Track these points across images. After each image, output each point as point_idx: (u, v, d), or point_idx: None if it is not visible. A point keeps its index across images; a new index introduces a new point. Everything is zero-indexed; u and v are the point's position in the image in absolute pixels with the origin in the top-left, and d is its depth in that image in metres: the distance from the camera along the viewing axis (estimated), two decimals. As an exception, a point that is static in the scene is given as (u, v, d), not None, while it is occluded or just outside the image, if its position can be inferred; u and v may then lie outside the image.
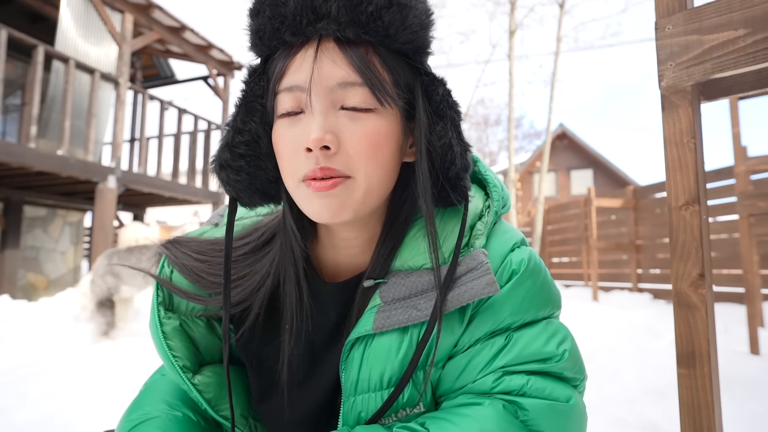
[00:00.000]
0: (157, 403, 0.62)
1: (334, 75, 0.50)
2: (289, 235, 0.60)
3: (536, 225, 8.24)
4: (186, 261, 0.63)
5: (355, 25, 0.49)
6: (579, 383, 0.55)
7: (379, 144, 0.52)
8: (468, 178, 0.56)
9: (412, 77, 0.55)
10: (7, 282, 5.78)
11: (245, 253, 0.64)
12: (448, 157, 0.54)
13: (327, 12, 0.49)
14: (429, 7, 0.55)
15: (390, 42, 0.52)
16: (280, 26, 0.51)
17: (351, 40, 0.50)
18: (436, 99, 0.55)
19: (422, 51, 0.55)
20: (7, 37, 4.55)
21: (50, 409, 2.07)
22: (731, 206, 4.91)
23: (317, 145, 0.49)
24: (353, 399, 0.54)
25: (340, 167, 0.51)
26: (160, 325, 0.60)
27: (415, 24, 0.52)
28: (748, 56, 0.63)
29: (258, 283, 0.62)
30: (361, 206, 0.53)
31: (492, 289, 0.51)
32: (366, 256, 0.61)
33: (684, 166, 0.68)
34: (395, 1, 0.50)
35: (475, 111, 20.38)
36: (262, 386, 0.62)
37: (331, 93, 0.51)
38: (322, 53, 0.50)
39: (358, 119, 0.51)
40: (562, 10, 8.56)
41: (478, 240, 0.57)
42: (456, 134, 0.55)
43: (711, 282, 0.67)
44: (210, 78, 7.69)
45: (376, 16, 0.49)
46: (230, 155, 0.57)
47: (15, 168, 4.84)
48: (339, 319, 0.60)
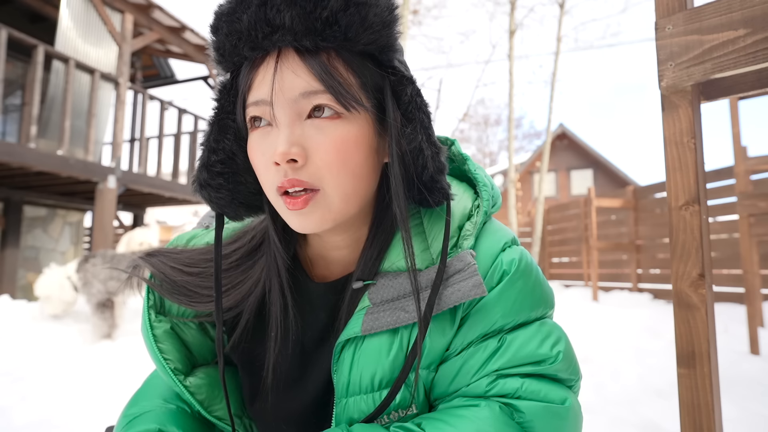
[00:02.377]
0: (153, 399, 0.63)
1: (296, 86, 0.49)
2: (273, 245, 0.60)
3: (536, 225, 8.24)
4: (177, 277, 0.61)
5: (312, 34, 0.48)
6: (574, 384, 0.55)
7: (348, 152, 0.51)
8: (444, 180, 0.55)
9: (380, 77, 0.54)
10: (7, 282, 5.78)
11: (238, 259, 0.64)
12: (420, 161, 0.53)
13: (281, 23, 0.48)
14: (392, 2, 0.52)
15: (351, 45, 0.50)
16: (237, 42, 0.50)
17: (310, 49, 0.49)
18: (405, 100, 0.53)
19: (388, 49, 0.53)
20: (7, 37, 4.55)
21: (50, 409, 2.07)
22: (731, 206, 4.91)
23: (283, 159, 0.49)
24: (345, 401, 0.54)
25: (308, 179, 0.50)
26: (151, 328, 0.60)
27: (376, 23, 0.50)
28: (748, 56, 0.63)
29: (248, 289, 0.62)
30: (340, 215, 0.53)
31: (479, 290, 0.51)
32: (356, 255, 0.61)
33: (684, 166, 0.68)
34: (353, 2, 0.48)
35: (475, 111, 20.39)
36: (253, 387, 0.62)
37: (295, 104, 0.50)
38: (282, 65, 0.49)
39: (324, 128, 0.50)
40: (562, 10, 8.55)
41: (466, 241, 0.56)
42: (426, 137, 0.53)
43: (711, 282, 0.67)
44: (210, 78, 7.70)
45: (332, 21, 0.48)
46: (208, 174, 0.57)
47: (15, 168, 4.84)
48: (329, 319, 0.60)
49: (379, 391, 0.53)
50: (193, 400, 0.60)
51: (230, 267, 0.63)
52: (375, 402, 0.53)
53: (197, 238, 0.69)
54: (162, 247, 0.65)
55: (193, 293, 0.61)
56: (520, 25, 9.24)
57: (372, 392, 0.53)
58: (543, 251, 9.10)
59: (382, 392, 0.53)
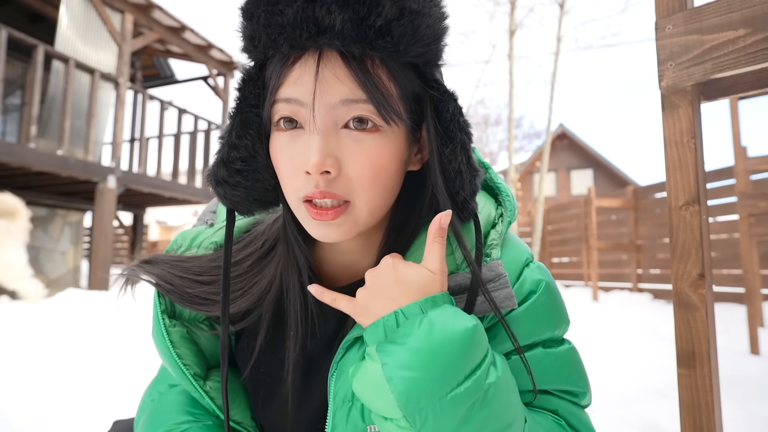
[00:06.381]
0: (178, 415, 0.60)
1: (337, 91, 0.46)
2: (292, 244, 0.58)
3: (536, 225, 8.23)
4: (188, 288, 0.59)
5: (362, 42, 0.45)
6: (588, 405, 0.59)
7: (382, 167, 0.49)
8: (475, 202, 0.54)
9: (421, 89, 0.51)
10: (7, 282, 5.78)
11: (251, 264, 0.62)
12: (457, 183, 0.52)
13: (330, 25, 0.44)
14: (444, 11, 0.50)
15: (399, 56, 0.47)
16: (277, 37, 0.46)
17: (356, 56, 0.46)
18: (446, 117, 0.51)
19: (434, 63, 0.51)
20: (7, 37, 4.55)
21: (50, 409, 2.07)
22: (731, 206, 4.91)
23: (317, 171, 0.46)
24: (350, 404, 0.52)
25: (340, 191, 0.48)
26: (168, 334, 0.58)
27: (427, 35, 0.47)
28: (748, 56, 0.63)
29: (264, 288, 0.60)
30: (365, 226, 0.52)
31: (510, 303, 0.51)
32: (366, 261, 0.59)
33: (684, 166, 0.68)
34: (407, 10, 0.45)
35: (475, 111, 20.36)
36: (259, 393, 0.61)
37: (333, 110, 0.47)
38: (324, 66, 0.46)
39: (361, 140, 0.48)
40: (562, 10, 8.55)
41: (494, 251, 0.55)
42: (465, 158, 0.52)
43: (711, 282, 0.67)
44: (210, 78, 7.69)
45: (385, 32, 0.45)
46: (227, 172, 0.54)
47: (15, 168, 4.83)
48: (338, 325, 0.59)
49: None
50: (213, 405, 0.59)
51: (245, 272, 0.61)
52: None
53: (201, 235, 0.66)
54: (162, 255, 0.63)
55: (208, 301, 0.59)
56: (520, 25, 9.24)
57: None
58: (543, 251, 9.09)
59: None
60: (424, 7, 0.47)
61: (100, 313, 4.00)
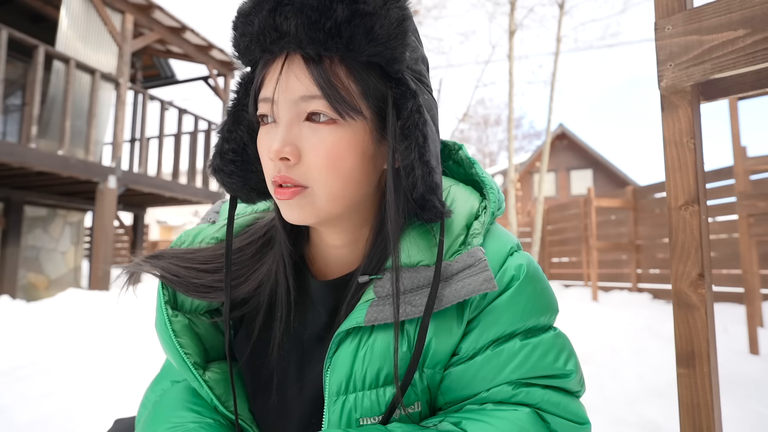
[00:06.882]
0: (179, 411, 0.61)
1: (296, 89, 0.52)
2: (279, 233, 0.63)
3: (536, 225, 8.22)
4: (194, 278, 0.62)
5: (315, 43, 0.49)
6: (581, 395, 0.59)
7: (338, 156, 0.52)
8: (437, 200, 0.54)
9: (385, 87, 0.54)
10: (8, 282, 5.78)
11: (254, 252, 0.65)
12: (410, 179, 0.54)
13: (287, 30, 0.49)
14: (405, 13, 0.51)
15: (355, 55, 0.51)
16: (249, 44, 0.53)
17: (313, 57, 0.51)
18: (404, 115, 0.53)
19: (395, 61, 0.52)
20: (7, 38, 4.55)
21: (50, 408, 2.07)
22: (731, 206, 4.91)
23: (276, 157, 0.52)
24: (344, 398, 0.54)
25: (297, 177, 0.53)
26: (170, 323, 0.61)
27: (382, 35, 0.50)
28: (747, 56, 0.63)
29: (261, 280, 0.63)
30: (325, 213, 0.55)
31: (490, 285, 0.52)
32: (353, 256, 0.62)
33: (684, 166, 0.68)
34: (359, 13, 0.49)
35: (475, 111, 20.40)
36: (254, 384, 0.63)
37: (295, 106, 0.52)
38: (287, 68, 0.52)
39: (318, 131, 0.52)
40: (562, 11, 8.55)
41: (475, 239, 0.57)
42: (418, 155, 0.53)
43: (711, 282, 0.67)
44: (210, 78, 7.70)
45: (335, 33, 0.49)
46: (221, 161, 0.61)
47: (15, 168, 4.84)
48: (329, 317, 0.60)
49: (383, 387, 0.53)
50: (212, 395, 0.60)
51: (246, 259, 0.65)
52: (378, 398, 0.53)
53: (203, 232, 0.69)
54: (166, 249, 0.65)
55: (213, 289, 0.62)
56: (520, 25, 9.24)
57: (376, 388, 0.53)
58: (543, 251, 9.09)
59: (386, 388, 0.53)
60: (379, 9, 0.50)
61: (100, 313, 4.00)
